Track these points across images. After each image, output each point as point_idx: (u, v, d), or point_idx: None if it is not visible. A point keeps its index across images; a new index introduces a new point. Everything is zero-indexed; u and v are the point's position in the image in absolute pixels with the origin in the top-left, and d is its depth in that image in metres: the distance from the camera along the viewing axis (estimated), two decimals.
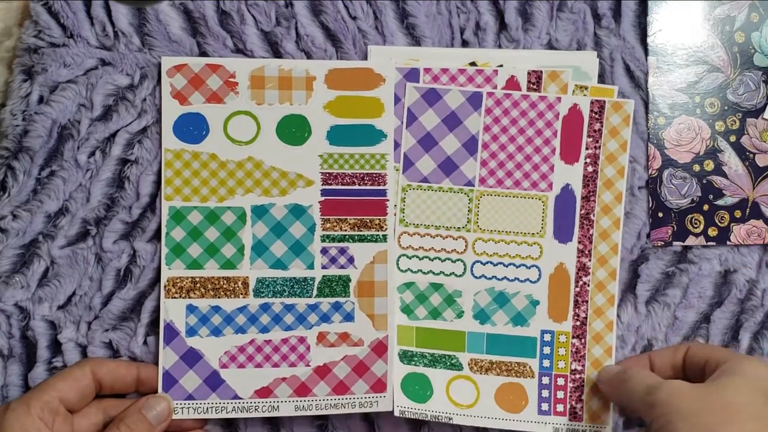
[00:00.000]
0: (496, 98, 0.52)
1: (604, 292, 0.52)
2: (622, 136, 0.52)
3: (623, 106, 0.52)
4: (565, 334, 0.52)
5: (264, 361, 0.51)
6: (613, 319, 0.52)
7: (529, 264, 0.52)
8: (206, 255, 0.51)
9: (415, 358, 0.52)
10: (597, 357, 0.52)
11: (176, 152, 0.52)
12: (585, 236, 0.52)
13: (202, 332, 0.51)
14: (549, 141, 0.52)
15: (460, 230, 0.52)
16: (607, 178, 0.52)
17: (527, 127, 0.52)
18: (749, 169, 0.54)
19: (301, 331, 0.51)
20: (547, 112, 0.52)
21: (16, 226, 0.52)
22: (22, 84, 0.52)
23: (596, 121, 0.52)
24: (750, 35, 0.54)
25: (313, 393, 0.51)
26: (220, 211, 0.52)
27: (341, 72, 0.52)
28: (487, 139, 0.52)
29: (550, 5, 0.54)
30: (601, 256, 0.52)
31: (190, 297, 0.51)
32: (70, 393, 0.47)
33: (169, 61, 0.52)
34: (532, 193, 0.52)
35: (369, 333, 0.52)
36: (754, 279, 0.54)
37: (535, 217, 0.52)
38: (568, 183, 0.52)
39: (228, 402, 0.51)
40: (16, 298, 0.52)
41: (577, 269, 0.52)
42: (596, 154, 0.52)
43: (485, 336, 0.52)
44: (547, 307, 0.52)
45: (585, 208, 0.52)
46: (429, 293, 0.52)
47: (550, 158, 0.52)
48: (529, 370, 0.52)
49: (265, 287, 0.51)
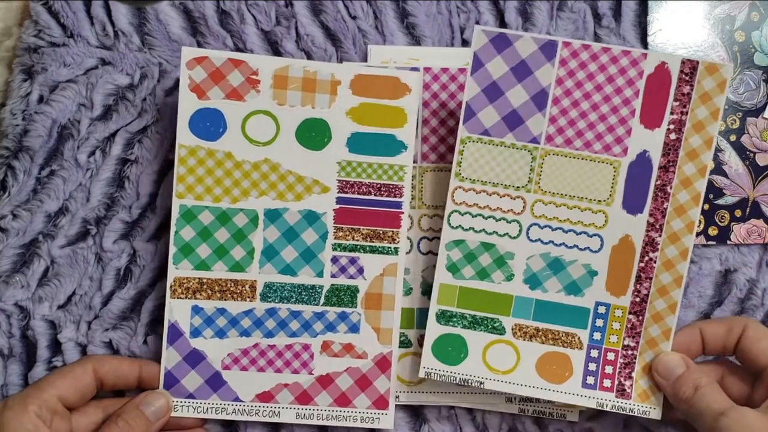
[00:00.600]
0: (572, 49, 0.47)
1: (672, 272, 0.48)
2: (715, 103, 0.47)
3: (720, 69, 0.47)
4: (622, 309, 0.49)
5: (267, 365, 0.51)
6: (678, 301, 0.48)
7: (591, 232, 0.49)
8: (215, 256, 0.50)
9: (453, 319, 0.50)
10: (653, 336, 0.49)
11: (191, 148, 0.50)
12: (658, 209, 0.48)
13: (206, 333, 0.50)
14: (629, 101, 0.47)
15: (519, 189, 0.49)
16: (692, 149, 0.47)
17: (605, 83, 0.47)
18: (749, 168, 0.54)
19: (306, 338, 0.51)
20: (630, 68, 0.47)
21: (17, 225, 0.52)
22: (22, 83, 0.53)
23: (686, 84, 0.47)
24: (750, 34, 0.54)
25: (314, 402, 0.51)
26: (232, 213, 0.50)
27: (367, 78, 0.50)
28: (559, 94, 0.48)
29: (550, 5, 0.54)
30: (674, 232, 0.48)
31: (196, 298, 0.50)
32: (70, 391, 0.46)
33: (190, 52, 0.50)
34: (603, 156, 0.48)
35: (373, 346, 0.51)
36: (754, 278, 0.54)
37: (604, 183, 0.48)
38: (645, 149, 0.48)
39: (228, 404, 0.50)
40: (16, 297, 0.52)
41: (644, 243, 0.48)
42: (682, 120, 0.47)
43: (534, 302, 0.49)
44: (606, 279, 0.49)
45: (662, 179, 0.48)
46: (479, 253, 0.49)
47: (629, 120, 0.48)
48: (577, 340, 0.49)
49: (272, 292, 0.51)
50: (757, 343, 0.47)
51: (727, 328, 0.48)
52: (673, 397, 0.47)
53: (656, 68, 0.47)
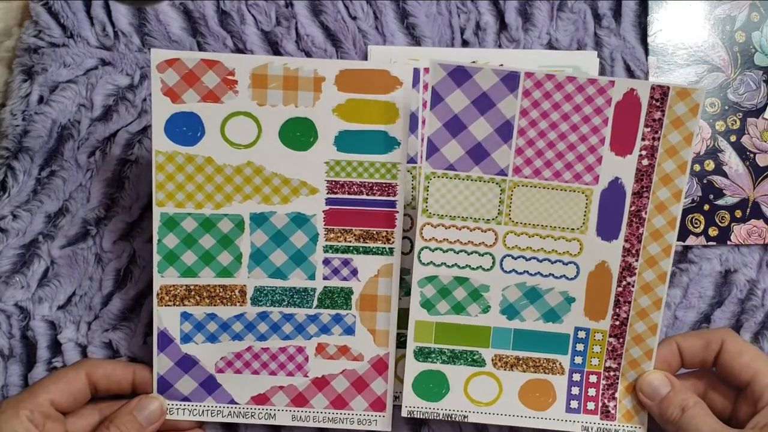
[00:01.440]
0: (536, 79, 0.46)
1: (650, 295, 0.48)
2: (688, 128, 0.46)
3: (691, 94, 0.46)
4: (602, 332, 0.49)
5: (261, 368, 0.50)
6: (658, 323, 0.48)
7: (566, 260, 0.48)
8: (201, 263, 0.49)
9: (432, 355, 0.49)
10: (635, 357, 0.49)
11: (168, 155, 0.48)
12: (633, 235, 0.48)
13: (197, 339, 0.50)
14: (598, 129, 0.47)
15: (489, 222, 0.48)
16: (666, 173, 0.47)
17: (572, 112, 0.47)
18: (750, 168, 0.54)
19: (300, 341, 0.50)
20: (598, 96, 0.46)
21: (17, 226, 0.52)
22: (22, 84, 0.53)
23: (657, 110, 0.46)
24: (750, 35, 0.54)
25: (310, 404, 0.50)
26: (216, 219, 0.49)
27: (354, 73, 0.48)
28: (524, 125, 0.47)
29: (550, 5, 0.54)
30: (651, 257, 0.48)
31: (185, 305, 0.49)
32: (62, 396, 0.46)
33: (160, 54, 0.47)
34: (575, 185, 0.47)
35: (370, 348, 0.50)
36: (754, 279, 0.54)
37: (576, 211, 0.48)
38: (617, 176, 0.47)
39: (224, 406, 0.50)
40: (16, 298, 0.52)
41: (621, 269, 0.48)
42: (654, 146, 0.47)
43: (512, 331, 0.49)
44: (584, 305, 0.49)
45: (636, 205, 0.48)
46: (453, 287, 0.49)
47: (598, 149, 0.47)
48: (558, 366, 0.49)
49: (263, 296, 0.50)
50: (738, 358, 0.46)
51: (705, 343, 0.48)
52: (660, 417, 0.47)
53: (624, 95, 0.46)
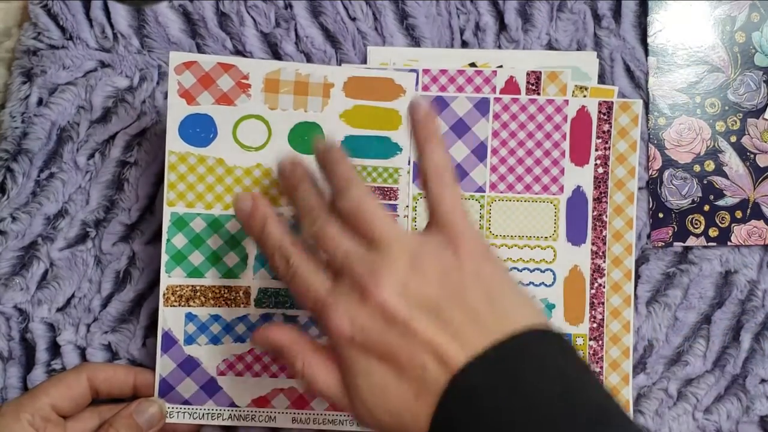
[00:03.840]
0: (503, 103, 0.51)
1: (620, 293, 0.51)
2: (632, 137, 0.52)
3: (631, 106, 0.52)
4: (582, 337, 0.51)
5: (262, 370, 0.50)
6: (630, 320, 0.51)
7: (543, 268, 0.52)
8: (208, 263, 0.50)
9: None
10: (615, 358, 0.51)
11: (181, 155, 0.49)
12: (598, 237, 0.51)
13: (200, 340, 0.50)
14: (558, 144, 0.52)
15: None
16: (618, 179, 0.52)
17: (536, 130, 0.51)
18: (750, 169, 0.54)
19: None
20: (556, 115, 0.51)
21: (16, 228, 0.52)
22: (21, 86, 0.52)
23: (605, 123, 0.51)
24: (751, 35, 0.54)
25: (311, 407, 0.50)
26: (224, 219, 0.50)
27: (361, 81, 0.50)
28: (496, 145, 0.51)
29: (550, 6, 0.54)
30: (616, 257, 0.52)
31: (190, 306, 0.50)
32: (63, 400, 0.46)
33: (178, 57, 0.49)
34: (544, 196, 0.52)
35: None
36: (755, 280, 0.54)
37: (547, 220, 0.51)
38: (579, 185, 0.52)
39: (224, 409, 0.50)
40: (15, 300, 0.52)
41: (592, 271, 0.51)
42: (606, 155, 0.52)
43: None
44: (563, 311, 0.51)
45: (597, 210, 0.52)
46: None
47: (560, 161, 0.52)
48: None
49: (267, 298, 0.50)
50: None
51: None
52: None
53: (578, 112, 0.51)
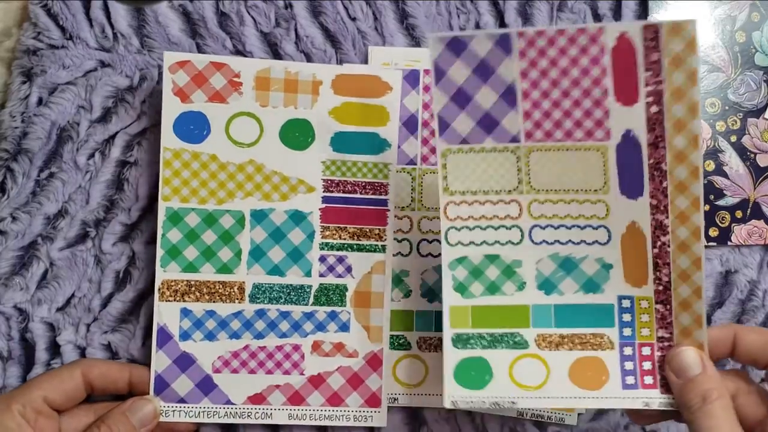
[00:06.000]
0: (528, 37, 0.43)
1: (688, 254, 0.44)
2: (689, 65, 0.42)
3: (685, 27, 0.42)
4: (647, 300, 0.45)
5: (258, 367, 0.51)
6: (701, 285, 0.44)
7: (595, 224, 0.45)
8: (202, 258, 0.50)
9: (471, 341, 0.46)
10: (686, 326, 0.44)
11: (175, 151, 0.50)
12: (658, 190, 0.44)
13: (195, 336, 0.50)
14: (599, 81, 0.43)
15: (511, 193, 0.46)
16: (677, 119, 0.43)
17: (570, 67, 0.43)
18: (750, 169, 0.54)
19: (296, 338, 0.51)
20: (592, 46, 0.43)
21: (16, 228, 0.52)
22: (21, 86, 0.52)
23: (653, 51, 0.42)
24: (751, 35, 0.54)
25: (307, 402, 0.51)
26: (218, 214, 0.51)
27: (348, 78, 0.51)
28: (526, 87, 0.44)
29: (550, 5, 0.54)
30: (681, 212, 0.44)
31: (185, 300, 0.50)
32: (56, 393, 0.46)
33: (172, 56, 0.50)
34: (588, 143, 0.44)
35: (364, 345, 0.51)
36: (755, 279, 0.54)
37: (595, 171, 0.45)
38: (629, 129, 0.44)
39: (220, 407, 0.50)
40: (15, 300, 0.52)
41: (653, 228, 0.44)
42: (659, 90, 0.43)
43: (552, 308, 0.46)
44: (623, 271, 0.45)
45: (654, 157, 0.44)
46: (484, 267, 0.46)
47: (603, 101, 0.44)
48: (607, 341, 0.46)
49: (261, 293, 0.51)
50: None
51: (765, 343, 0.44)
52: (679, 400, 0.43)
53: (617, 40, 0.43)
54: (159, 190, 0.50)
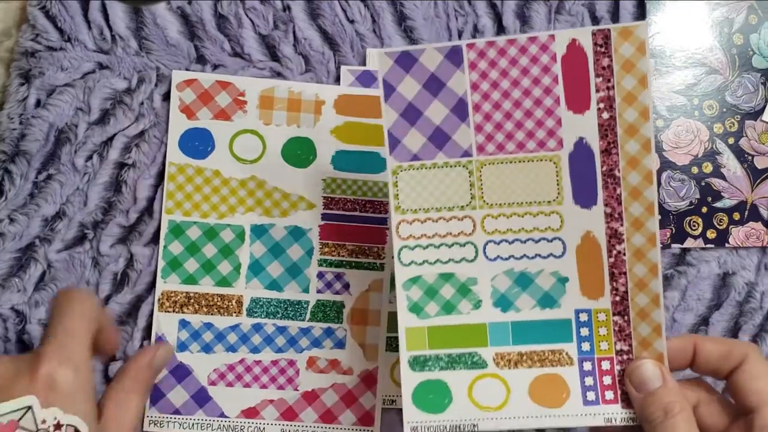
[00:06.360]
0: (478, 49, 0.43)
1: (644, 261, 0.43)
2: (639, 69, 0.42)
3: (634, 31, 0.42)
4: (605, 312, 0.44)
5: (253, 381, 0.51)
6: (659, 293, 0.43)
7: (550, 237, 0.45)
8: (202, 271, 0.51)
9: (428, 363, 0.45)
10: (645, 336, 0.44)
11: (180, 166, 0.52)
12: (612, 197, 0.43)
13: (192, 348, 0.51)
14: (550, 89, 0.43)
15: (464, 209, 0.45)
16: (629, 124, 0.42)
17: (521, 77, 0.43)
18: (748, 171, 0.54)
19: (292, 354, 0.51)
20: (542, 54, 0.43)
21: (13, 229, 0.52)
22: (19, 87, 0.52)
23: (603, 56, 0.42)
24: (749, 37, 0.54)
25: (300, 418, 0.51)
26: (219, 228, 0.52)
27: (350, 98, 0.53)
28: (478, 100, 0.44)
29: (547, 7, 0.54)
30: (635, 218, 0.43)
31: (184, 312, 0.51)
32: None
33: (180, 75, 0.52)
34: (540, 154, 0.44)
35: (359, 363, 0.51)
36: (752, 281, 0.54)
37: (548, 182, 0.44)
38: (581, 137, 0.43)
39: (214, 420, 0.51)
40: (12, 301, 0.52)
41: (608, 237, 0.44)
42: (610, 96, 0.42)
43: (510, 325, 0.45)
44: (579, 283, 0.44)
45: (607, 164, 0.43)
46: (439, 285, 0.45)
47: (555, 110, 0.43)
48: (566, 356, 0.45)
49: (258, 307, 0.51)
50: (754, 381, 0.42)
51: (726, 352, 0.43)
52: (640, 414, 0.42)
53: (568, 47, 0.42)
54: (162, 203, 0.52)
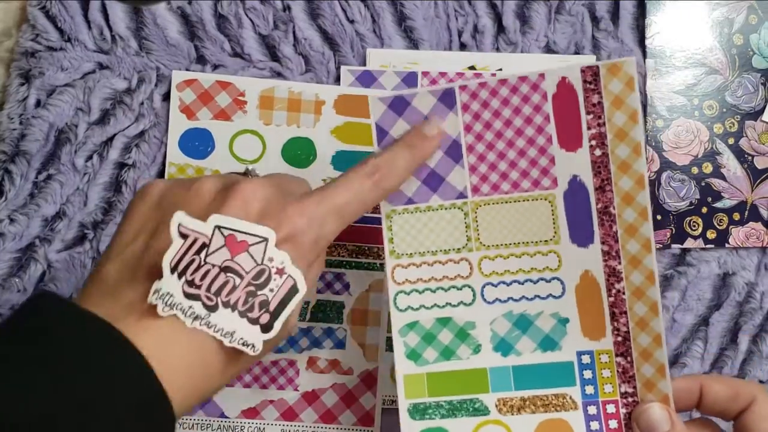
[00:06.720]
0: (470, 90, 0.43)
1: (644, 300, 0.42)
2: (629, 105, 0.41)
3: (622, 67, 0.41)
4: (607, 353, 0.43)
5: (253, 381, 0.51)
6: (661, 332, 0.42)
7: (548, 277, 0.44)
8: None
9: (429, 411, 0.44)
10: (648, 377, 0.43)
11: (180, 166, 0.52)
12: (608, 235, 0.43)
13: None
14: (542, 128, 0.43)
15: (460, 251, 0.44)
16: (622, 160, 0.42)
17: (513, 116, 0.43)
18: (748, 171, 0.54)
19: (292, 354, 0.51)
20: (533, 94, 0.43)
21: (13, 229, 0.52)
22: (19, 87, 0.52)
23: (593, 93, 0.42)
24: (748, 37, 0.54)
25: (300, 418, 0.51)
26: None
27: (350, 98, 0.53)
28: (471, 141, 0.44)
29: (547, 8, 0.54)
30: (632, 256, 0.42)
31: None
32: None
33: (180, 75, 0.52)
34: (536, 193, 0.43)
35: (359, 363, 0.51)
36: (752, 282, 0.54)
37: (544, 221, 0.43)
38: (575, 174, 0.43)
39: (214, 420, 0.51)
40: (12, 301, 0.52)
41: (606, 275, 0.43)
42: (602, 133, 0.42)
43: (511, 369, 0.44)
44: (580, 324, 0.43)
45: (602, 201, 0.43)
46: (437, 331, 0.44)
47: (548, 149, 0.43)
48: (570, 401, 0.43)
49: None
50: (764, 422, 0.41)
51: (734, 394, 0.42)
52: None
53: (558, 86, 0.42)
54: None
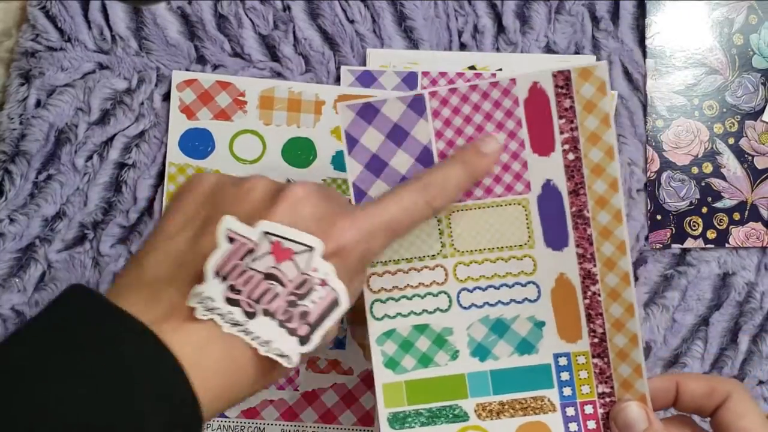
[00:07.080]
0: (440, 97, 0.43)
1: (619, 301, 0.43)
2: (601, 109, 0.41)
3: (593, 71, 0.41)
4: (584, 355, 0.44)
5: None
6: (637, 332, 0.42)
7: (523, 281, 0.44)
8: None
9: (409, 419, 0.44)
10: (626, 377, 0.43)
11: (180, 167, 0.52)
12: (583, 238, 0.43)
13: None
14: (515, 133, 0.43)
15: (435, 258, 0.44)
16: (595, 164, 0.42)
17: (484, 122, 0.43)
18: (748, 171, 0.54)
19: None
20: (504, 99, 0.42)
21: (13, 229, 0.52)
22: (19, 88, 0.53)
23: (565, 98, 0.42)
24: (749, 37, 0.54)
25: (300, 418, 0.51)
26: None
27: (350, 98, 0.52)
28: (443, 147, 0.43)
29: (547, 8, 0.54)
30: (607, 258, 0.43)
31: None
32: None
33: (180, 75, 0.52)
34: (509, 198, 0.43)
35: (359, 363, 0.51)
36: (752, 282, 0.54)
37: (518, 225, 0.43)
38: (548, 179, 0.43)
39: (214, 420, 0.51)
40: (12, 301, 0.52)
41: (581, 278, 0.43)
42: (574, 137, 0.42)
43: (489, 374, 0.44)
44: (556, 327, 0.44)
45: (575, 205, 0.43)
46: (414, 338, 0.44)
47: (521, 153, 0.43)
48: (548, 403, 0.44)
49: None
50: (740, 419, 0.41)
51: (709, 390, 0.43)
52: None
53: (530, 91, 0.42)
54: (162, 203, 0.52)
